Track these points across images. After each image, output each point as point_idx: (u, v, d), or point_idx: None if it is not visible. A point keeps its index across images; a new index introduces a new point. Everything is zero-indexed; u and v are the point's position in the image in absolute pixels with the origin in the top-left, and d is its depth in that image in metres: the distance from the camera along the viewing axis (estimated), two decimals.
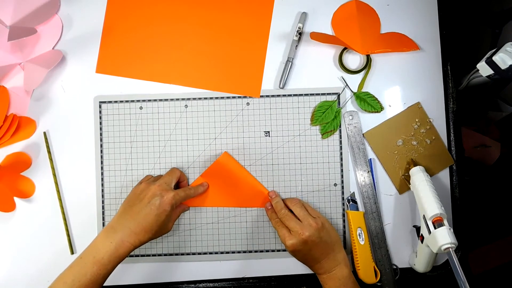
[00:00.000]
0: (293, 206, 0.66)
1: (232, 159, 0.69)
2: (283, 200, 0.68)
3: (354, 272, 0.68)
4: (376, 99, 0.70)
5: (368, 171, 0.69)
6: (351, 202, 0.69)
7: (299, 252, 0.63)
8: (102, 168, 0.70)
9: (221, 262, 0.70)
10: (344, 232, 0.70)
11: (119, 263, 0.59)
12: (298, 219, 0.64)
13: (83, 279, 0.57)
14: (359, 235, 0.67)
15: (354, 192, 0.70)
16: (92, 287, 0.57)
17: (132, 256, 0.70)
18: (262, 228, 0.70)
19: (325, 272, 0.63)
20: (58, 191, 0.70)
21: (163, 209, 0.61)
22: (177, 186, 0.68)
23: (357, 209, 0.69)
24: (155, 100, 0.70)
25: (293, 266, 0.69)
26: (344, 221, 0.70)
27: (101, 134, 0.70)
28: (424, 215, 0.61)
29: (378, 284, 0.68)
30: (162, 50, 0.71)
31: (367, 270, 0.67)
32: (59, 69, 0.71)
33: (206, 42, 0.71)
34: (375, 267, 0.67)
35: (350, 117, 0.70)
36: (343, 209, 0.70)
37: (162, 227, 0.62)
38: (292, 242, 0.62)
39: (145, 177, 0.69)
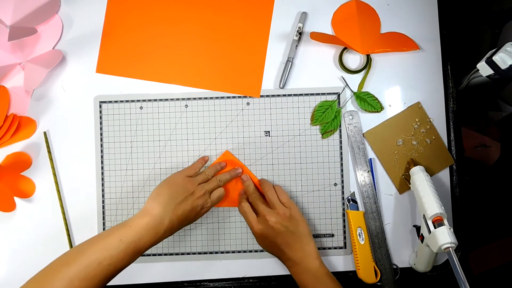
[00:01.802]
0: (266, 192, 0.66)
1: (233, 158, 0.69)
2: (261, 182, 0.68)
3: (354, 272, 0.68)
4: (376, 99, 0.70)
5: (368, 171, 0.69)
6: (351, 202, 0.69)
7: (266, 239, 0.62)
8: (102, 168, 0.70)
9: (221, 262, 0.70)
10: (344, 232, 0.70)
11: None
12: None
13: (119, 265, 0.54)
14: (359, 234, 0.67)
15: (354, 192, 0.70)
16: (120, 271, 0.55)
17: None
18: None
19: (295, 264, 0.62)
20: (58, 191, 0.70)
21: (199, 214, 0.62)
22: None
23: (357, 208, 0.69)
24: (155, 100, 0.70)
25: None
26: (344, 221, 0.70)
27: (101, 134, 0.70)
28: (424, 215, 0.61)
29: (378, 284, 0.68)
30: (162, 50, 0.71)
31: (367, 270, 0.67)
32: (59, 69, 0.71)
33: (206, 42, 0.71)
34: (375, 266, 0.67)
35: (350, 117, 0.70)
36: (343, 209, 0.70)
37: (188, 224, 0.63)
38: (260, 227, 0.62)
39: (192, 169, 0.66)
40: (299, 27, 0.69)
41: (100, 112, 0.70)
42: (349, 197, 0.69)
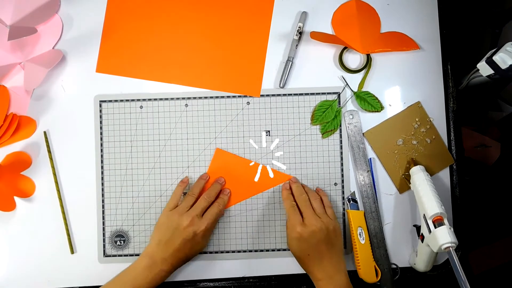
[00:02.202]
0: (313, 200, 0.66)
1: (226, 153, 0.69)
2: (308, 190, 0.68)
3: (354, 271, 0.68)
4: (376, 98, 0.70)
5: (368, 171, 0.69)
6: (351, 202, 0.69)
7: (304, 244, 0.62)
8: (102, 167, 0.70)
9: (221, 262, 0.70)
10: (344, 231, 0.70)
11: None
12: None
13: None
14: (360, 234, 0.67)
15: (354, 192, 0.70)
16: None
17: (132, 255, 0.70)
18: (262, 227, 0.70)
19: (325, 277, 0.61)
20: (58, 191, 0.70)
21: (197, 241, 0.64)
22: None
23: (357, 208, 0.69)
24: (155, 99, 0.70)
25: (293, 266, 0.69)
26: (344, 220, 0.70)
27: (101, 134, 0.70)
28: (424, 215, 0.61)
29: (377, 283, 0.68)
30: (162, 50, 0.71)
31: (368, 270, 0.67)
32: (59, 69, 0.71)
33: (206, 41, 0.71)
34: (376, 266, 0.67)
35: (350, 117, 0.70)
36: (343, 209, 0.70)
37: (197, 252, 0.66)
38: (302, 228, 0.62)
39: (173, 200, 0.67)
40: (299, 27, 0.69)
41: (100, 111, 0.70)
42: (349, 197, 0.69)
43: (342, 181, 0.70)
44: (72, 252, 0.69)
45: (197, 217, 0.64)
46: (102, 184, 0.70)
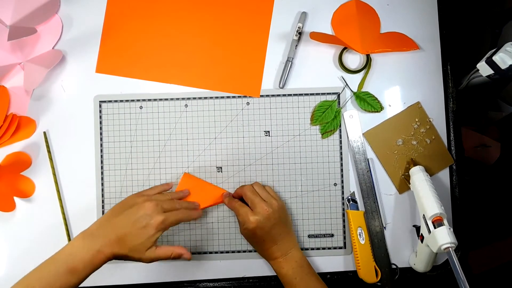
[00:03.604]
0: (257, 189, 0.65)
1: (195, 179, 0.69)
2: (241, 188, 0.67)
3: (354, 272, 0.68)
4: (376, 98, 0.70)
5: (368, 171, 0.69)
6: (351, 202, 0.69)
7: (261, 230, 0.61)
8: (102, 168, 0.70)
9: (221, 262, 0.70)
10: (344, 232, 0.70)
11: (92, 272, 0.55)
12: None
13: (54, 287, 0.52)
14: (360, 234, 0.67)
15: (354, 192, 0.70)
16: None
17: None
18: None
19: (282, 255, 0.63)
20: (58, 191, 0.70)
21: (146, 235, 0.56)
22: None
23: (357, 208, 0.69)
24: (155, 100, 0.70)
25: None
26: (344, 221, 0.70)
27: (101, 134, 0.70)
28: (424, 215, 0.61)
29: (378, 284, 0.68)
30: (162, 50, 0.71)
31: (368, 270, 0.67)
32: (59, 69, 0.71)
33: (206, 41, 0.71)
34: (376, 266, 0.67)
35: (350, 117, 0.70)
36: (343, 209, 0.70)
37: (141, 248, 0.56)
38: (257, 217, 0.61)
39: (150, 190, 0.64)
40: (298, 27, 0.69)
41: (100, 112, 0.70)
42: (349, 197, 0.69)
43: (342, 181, 0.70)
44: None
45: (158, 212, 0.57)
46: (102, 184, 0.70)
